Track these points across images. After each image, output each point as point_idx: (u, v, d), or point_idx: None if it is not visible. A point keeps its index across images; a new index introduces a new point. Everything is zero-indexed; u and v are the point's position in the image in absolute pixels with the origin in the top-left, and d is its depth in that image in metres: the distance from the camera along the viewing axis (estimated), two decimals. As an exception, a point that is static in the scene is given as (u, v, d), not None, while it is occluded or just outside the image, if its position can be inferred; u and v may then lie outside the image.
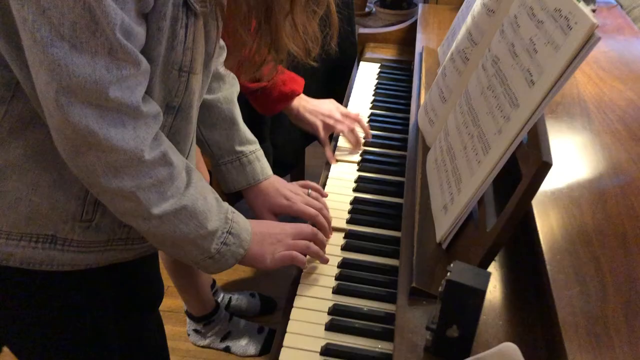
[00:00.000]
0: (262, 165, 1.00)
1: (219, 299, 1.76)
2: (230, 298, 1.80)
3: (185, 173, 0.76)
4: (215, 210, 0.79)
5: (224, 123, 0.96)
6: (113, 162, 0.66)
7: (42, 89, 0.61)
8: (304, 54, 0.75)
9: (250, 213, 0.99)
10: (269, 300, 1.84)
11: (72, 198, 0.73)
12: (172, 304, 1.80)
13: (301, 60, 0.76)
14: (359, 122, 1.24)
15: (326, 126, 1.23)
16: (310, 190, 1.03)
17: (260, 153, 1.00)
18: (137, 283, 0.98)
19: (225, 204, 0.82)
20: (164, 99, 0.73)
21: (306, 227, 0.92)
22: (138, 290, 0.98)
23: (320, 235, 0.93)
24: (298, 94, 1.23)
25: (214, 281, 1.77)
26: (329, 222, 0.99)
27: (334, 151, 1.22)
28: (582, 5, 0.66)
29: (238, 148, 0.97)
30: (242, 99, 1.35)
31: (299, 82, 1.24)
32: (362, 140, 1.24)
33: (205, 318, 1.66)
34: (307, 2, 0.73)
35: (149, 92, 0.69)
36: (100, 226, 0.76)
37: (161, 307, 1.09)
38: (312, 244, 0.91)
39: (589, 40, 0.63)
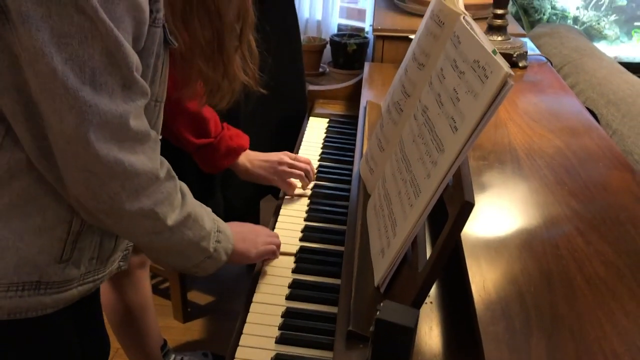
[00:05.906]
0: None
1: (171, 360, 1.70)
2: (182, 359, 1.75)
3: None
4: (205, 212, 0.86)
5: None
6: (136, 185, 0.72)
7: (70, 132, 0.65)
8: (255, 82, 0.84)
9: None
10: (221, 359, 1.79)
11: (55, 241, 0.76)
12: (121, 366, 1.73)
13: (252, 88, 0.85)
14: (308, 163, 1.27)
15: (281, 176, 1.24)
16: None
17: None
18: (85, 340, 0.95)
19: (206, 207, 0.89)
20: None
21: (274, 233, 1.06)
22: (85, 349, 0.95)
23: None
24: (245, 150, 1.24)
25: (165, 342, 1.71)
26: None
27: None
28: (497, 57, 0.72)
29: None
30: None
31: (245, 138, 1.25)
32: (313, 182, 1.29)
33: (155, 380, 1.60)
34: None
35: None
36: (75, 263, 0.79)
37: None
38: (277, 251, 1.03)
39: (503, 87, 0.67)
